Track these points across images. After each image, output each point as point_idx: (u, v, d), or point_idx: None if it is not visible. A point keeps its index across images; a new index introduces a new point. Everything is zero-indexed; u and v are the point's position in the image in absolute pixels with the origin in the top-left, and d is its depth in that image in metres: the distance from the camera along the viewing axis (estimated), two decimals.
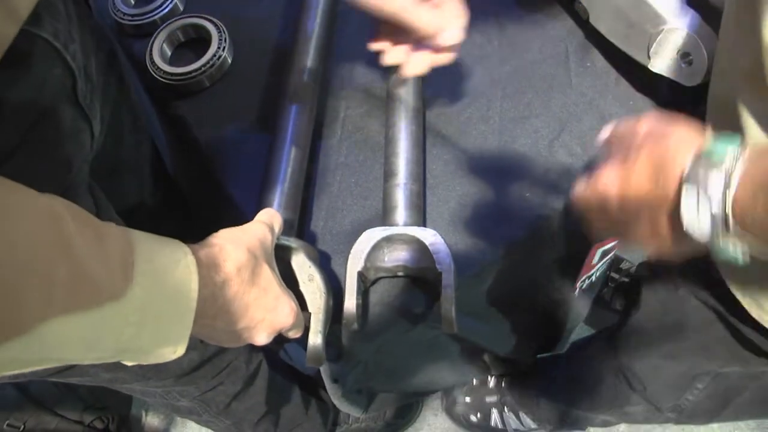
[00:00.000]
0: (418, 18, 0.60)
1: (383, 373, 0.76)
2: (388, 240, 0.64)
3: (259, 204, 0.65)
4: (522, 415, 1.13)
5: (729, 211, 0.35)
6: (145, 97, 0.86)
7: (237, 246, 0.47)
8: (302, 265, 0.59)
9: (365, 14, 0.85)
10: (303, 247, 0.60)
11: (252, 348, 0.91)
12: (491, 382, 1.15)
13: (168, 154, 0.91)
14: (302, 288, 0.59)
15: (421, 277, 0.64)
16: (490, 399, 1.14)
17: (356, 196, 0.71)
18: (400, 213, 0.65)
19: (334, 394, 0.83)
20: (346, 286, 0.61)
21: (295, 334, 0.56)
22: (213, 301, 0.44)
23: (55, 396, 1.25)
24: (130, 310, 0.36)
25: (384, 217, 0.67)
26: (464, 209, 0.69)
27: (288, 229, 0.64)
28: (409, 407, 1.26)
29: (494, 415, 1.14)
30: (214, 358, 0.80)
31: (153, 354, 0.40)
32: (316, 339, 0.57)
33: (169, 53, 0.84)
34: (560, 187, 0.69)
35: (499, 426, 1.14)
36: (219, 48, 0.80)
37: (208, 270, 0.43)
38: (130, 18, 0.85)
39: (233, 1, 0.87)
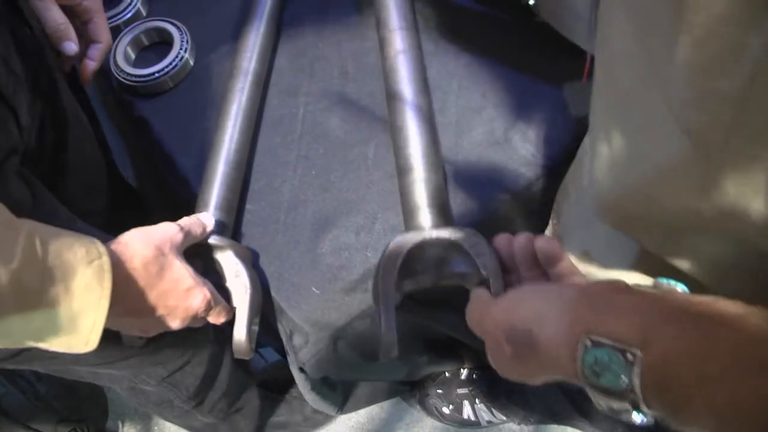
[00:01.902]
0: (45, 14, 0.64)
1: (349, 363, 0.77)
2: (421, 247, 0.57)
3: (198, 205, 0.68)
4: (493, 407, 1.14)
5: (647, 410, 0.32)
6: (96, 101, 0.87)
7: (145, 243, 0.50)
8: (229, 262, 0.62)
9: (323, 14, 0.88)
10: (231, 246, 0.63)
11: (216, 328, 0.93)
12: (463, 374, 1.17)
13: (128, 158, 0.93)
14: (228, 284, 0.61)
15: (464, 285, 0.56)
16: (462, 391, 1.15)
17: (317, 188, 0.72)
18: (425, 213, 0.60)
19: (304, 387, 0.84)
20: (382, 311, 0.54)
21: (215, 319, 0.59)
22: (122, 295, 0.46)
23: (28, 409, 1.23)
24: (38, 303, 0.39)
25: (406, 220, 0.62)
26: None
27: (222, 229, 0.66)
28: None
29: (466, 407, 1.15)
30: (177, 339, 0.81)
31: (64, 344, 0.43)
32: (240, 332, 0.59)
33: (133, 56, 0.85)
34: (516, 172, 0.72)
35: (472, 418, 1.15)
36: (181, 49, 0.82)
37: (115, 267, 0.45)
38: None
39: (196, 4, 0.89)
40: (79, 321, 0.42)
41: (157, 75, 0.81)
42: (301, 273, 0.68)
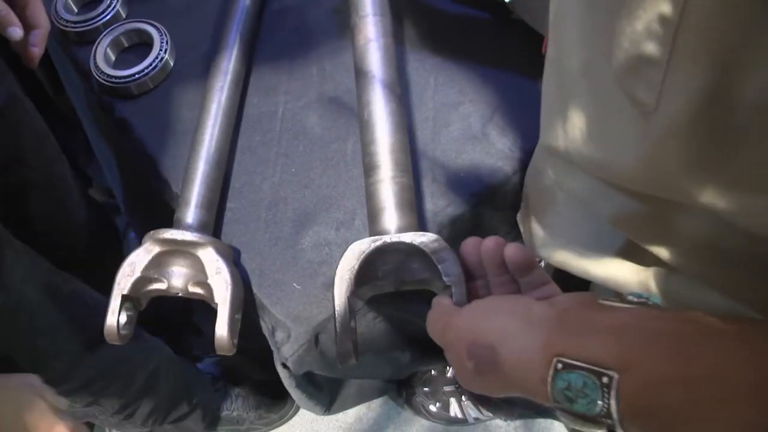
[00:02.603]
0: None
1: (331, 359, 0.77)
2: (381, 252, 0.55)
3: (179, 204, 0.68)
4: (479, 404, 1.15)
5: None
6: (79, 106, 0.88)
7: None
8: (211, 259, 0.63)
9: (301, 14, 0.89)
10: (211, 242, 0.64)
11: (148, 353, 0.93)
12: (449, 372, 1.17)
13: (111, 161, 0.93)
14: (210, 281, 0.62)
15: (427, 290, 0.56)
16: (448, 388, 1.16)
17: (297, 184, 0.73)
18: (390, 215, 0.58)
19: (288, 385, 0.84)
20: (337, 318, 0.53)
21: None
22: None
23: None
24: None
25: (371, 222, 0.60)
26: None
27: (202, 227, 0.67)
28: (283, 404, 1.28)
29: (453, 404, 1.16)
30: (111, 371, 0.82)
31: None
32: (222, 328, 0.60)
33: (113, 58, 0.86)
34: (494, 166, 0.73)
35: (459, 415, 1.16)
36: (161, 50, 0.82)
37: None
38: (72, 25, 0.86)
39: (175, 5, 0.90)
40: None
41: (137, 76, 0.81)
42: (283, 269, 0.68)
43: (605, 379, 0.30)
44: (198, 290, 0.64)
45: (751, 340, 0.28)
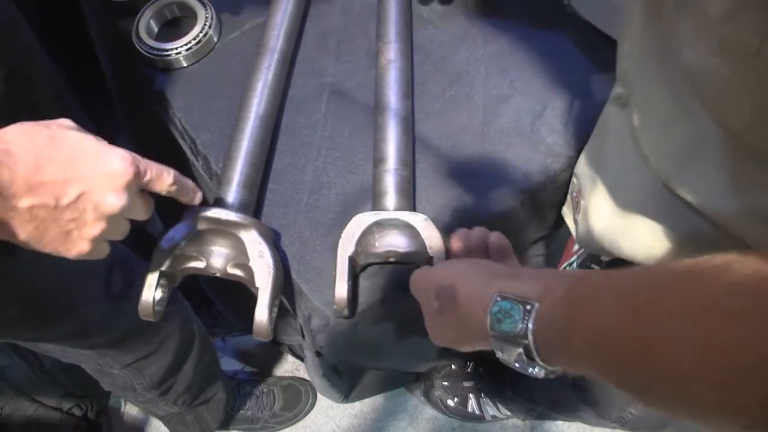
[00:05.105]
0: None
1: (366, 347, 0.76)
2: (379, 225, 0.64)
3: (220, 182, 0.67)
4: (498, 402, 1.14)
5: (537, 358, 0.38)
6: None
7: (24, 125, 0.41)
8: (253, 241, 0.61)
9: None
10: (255, 224, 0.62)
11: (182, 321, 0.93)
12: (469, 367, 1.16)
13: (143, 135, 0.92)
14: (252, 264, 0.61)
15: (412, 263, 0.64)
16: (467, 384, 1.15)
17: (341, 169, 0.72)
18: (390, 198, 0.66)
19: (315, 372, 0.83)
20: (337, 271, 0.61)
21: (160, 184, 0.49)
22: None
23: (33, 382, 1.23)
24: None
25: (374, 202, 0.67)
26: (447, 186, 0.70)
27: (244, 207, 0.66)
28: (297, 402, 1.29)
29: (471, 400, 1.15)
30: (146, 328, 0.82)
31: None
32: (263, 313, 0.59)
33: (155, 30, 0.84)
34: (542, 163, 0.71)
35: (477, 412, 1.15)
36: (205, 25, 0.81)
37: None
38: None
39: None
40: None
41: (179, 49, 0.80)
42: (323, 256, 0.67)
43: (528, 307, 0.38)
44: (238, 272, 0.62)
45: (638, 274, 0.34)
